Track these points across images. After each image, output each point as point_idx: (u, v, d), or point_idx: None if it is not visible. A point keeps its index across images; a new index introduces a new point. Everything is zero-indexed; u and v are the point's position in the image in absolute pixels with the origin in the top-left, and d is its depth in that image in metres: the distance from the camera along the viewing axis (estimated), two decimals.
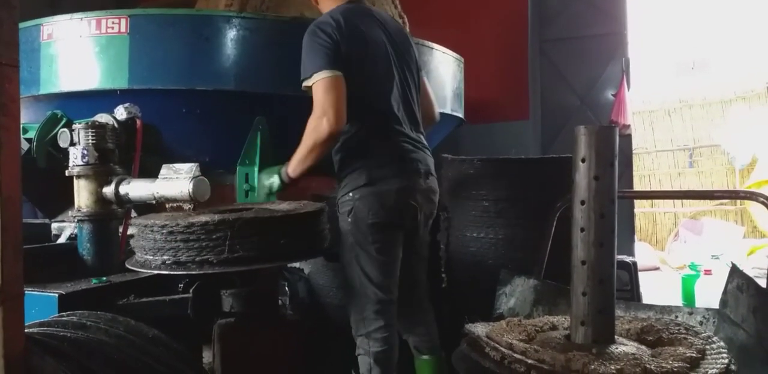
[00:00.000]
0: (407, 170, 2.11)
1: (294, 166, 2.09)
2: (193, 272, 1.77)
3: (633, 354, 1.35)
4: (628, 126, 4.83)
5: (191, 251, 1.74)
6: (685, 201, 8.29)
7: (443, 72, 3.34)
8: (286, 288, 2.84)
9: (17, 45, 1.08)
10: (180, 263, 1.76)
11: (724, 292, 1.73)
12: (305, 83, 2.04)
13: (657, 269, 6.73)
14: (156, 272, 1.80)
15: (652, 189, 8.67)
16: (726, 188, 8.12)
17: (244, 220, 1.78)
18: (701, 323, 1.79)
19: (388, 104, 2.13)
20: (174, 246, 1.76)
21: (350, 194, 2.06)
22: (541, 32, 5.22)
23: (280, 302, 2.63)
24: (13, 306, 1.02)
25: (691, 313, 1.83)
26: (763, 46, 9.02)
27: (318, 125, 1.98)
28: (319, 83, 1.99)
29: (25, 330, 1.08)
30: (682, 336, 1.48)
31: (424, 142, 2.25)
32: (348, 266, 2.09)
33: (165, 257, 1.76)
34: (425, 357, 2.26)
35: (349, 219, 2.06)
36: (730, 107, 8.27)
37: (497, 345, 1.41)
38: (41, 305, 1.73)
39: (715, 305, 1.80)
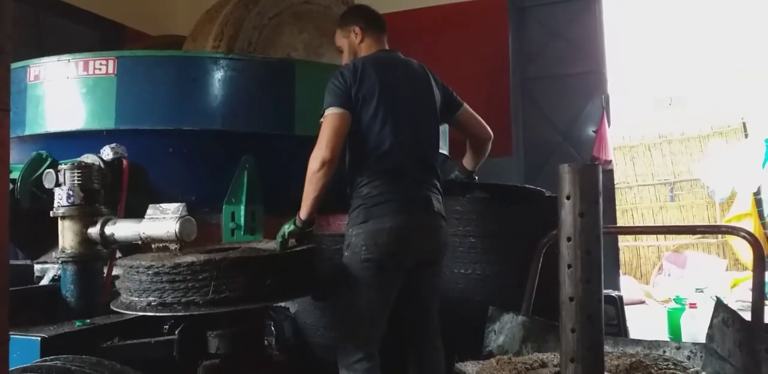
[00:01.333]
0: (407, 208, 2.15)
1: (303, 205, 2.10)
2: (179, 314, 1.75)
3: None
4: (610, 161, 4.91)
5: (177, 292, 1.73)
6: (668, 235, 8.36)
7: None
8: (272, 328, 2.80)
9: (8, 89, 1.09)
10: (166, 304, 1.74)
11: (710, 327, 1.74)
12: (321, 120, 2.16)
13: (642, 302, 6.73)
14: (141, 313, 1.77)
15: (635, 223, 8.75)
16: (707, 222, 8.22)
17: (231, 260, 1.78)
18: (689, 358, 1.79)
19: (395, 144, 2.19)
20: (160, 287, 1.75)
21: (350, 230, 2.14)
22: (523, 71, 5.34)
23: (266, 342, 2.59)
24: None
25: (678, 348, 1.84)
26: (738, 82, 9.28)
27: (314, 158, 2.06)
28: (324, 119, 2.12)
29: None
30: (671, 371, 1.48)
31: (434, 181, 2.28)
32: (337, 298, 2.17)
33: (151, 299, 1.75)
34: None
35: (347, 253, 2.13)
36: (708, 141, 8.44)
37: None
38: (23, 349, 1.69)
39: (702, 338, 1.81)
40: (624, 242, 8.12)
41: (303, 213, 2.10)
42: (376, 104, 2.19)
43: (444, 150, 3.66)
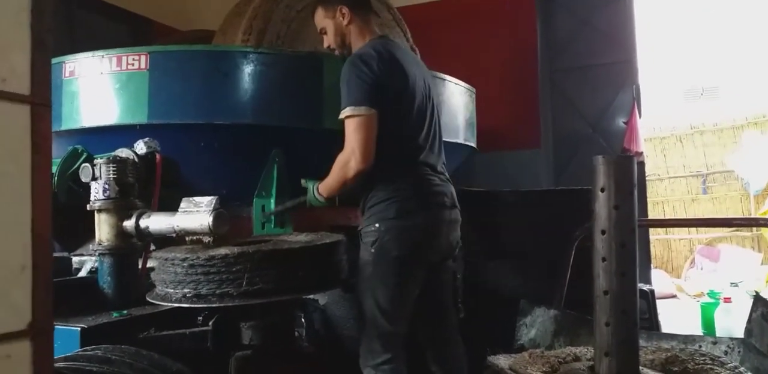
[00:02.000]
0: (433, 203, 2.14)
1: (323, 190, 2.18)
2: (214, 305, 1.77)
3: None
4: (641, 153, 4.83)
5: (211, 283, 1.76)
6: (700, 228, 8.21)
7: (456, 103, 3.37)
8: (303, 320, 2.83)
9: (49, 85, 1.11)
10: (201, 296, 1.77)
11: (749, 321, 1.71)
12: (341, 116, 2.08)
13: (674, 296, 6.63)
14: (177, 305, 1.80)
15: (666, 216, 8.61)
16: (741, 214, 8.05)
17: (264, 252, 1.79)
18: (726, 353, 1.76)
19: (419, 138, 2.18)
20: (195, 279, 1.78)
21: (376, 224, 2.07)
22: (551, 62, 5.28)
23: (296, 333, 2.62)
24: (44, 341, 1.02)
25: (715, 343, 1.81)
26: None
27: (346, 164, 2.04)
28: (351, 120, 2.03)
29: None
30: (709, 366, 1.46)
31: (447, 175, 2.28)
32: (362, 296, 2.09)
33: (186, 290, 1.78)
34: None
35: (372, 250, 2.06)
36: (742, 132, 8.25)
37: None
38: (63, 339, 1.73)
39: (736, 333, 1.78)
40: (655, 235, 8.00)
41: (324, 195, 2.18)
42: (406, 98, 2.14)
43: (472, 142, 3.65)
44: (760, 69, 9.41)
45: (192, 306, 1.79)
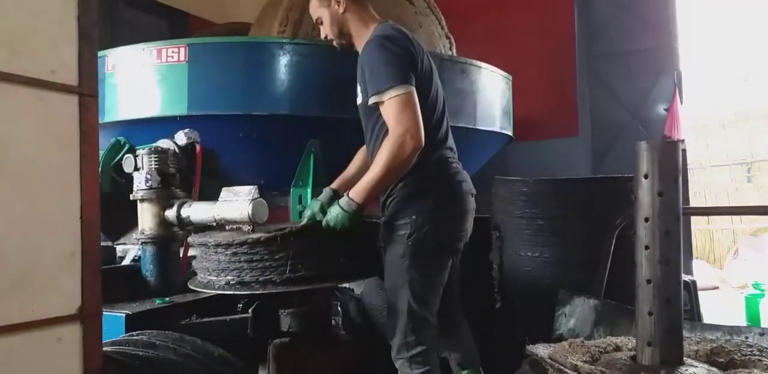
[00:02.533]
0: (463, 192, 2.10)
1: (366, 189, 1.92)
2: (257, 292, 1.80)
3: None
4: (682, 141, 4.72)
5: (255, 271, 1.78)
6: (744, 217, 7.99)
7: (491, 91, 3.34)
8: (339, 308, 2.86)
9: (96, 76, 1.14)
10: (244, 283, 1.80)
11: None
12: (378, 98, 1.93)
13: (716, 288, 6.49)
14: (220, 292, 1.84)
15: (708, 206, 8.41)
16: None
17: (305, 233, 1.80)
18: None
19: (441, 124, 2.13)
20: (238, 267, 1.80)
21: (413, 216, 2.00)
22: (589, 47, 5.18)
23: (333, 322, 2.64)
24: (92, 324, 1.06)
25: (762, 334, 1.77)
26: None
27: (403, 143, 1.86)
28: (395, 100, 1.89)
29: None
30: (756, 357, 1.42)
31: None
32: (397, 289, 2.03)
33: (229, 278, 1.81)
34: (465, 372, 2.23)
35: (409, 242, 2.00)
36: None
37: (562, 367, 1.38)
38: (109, 324, 1.77)
39: None
40: (696, 225, 7.82)
41: (362, 198, 1.91)
42: (430, 80, 2.06)
43: (508, 131, 3.61)
44: None
45: (235, 293, 1.81)
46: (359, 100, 2.12)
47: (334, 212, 1.91)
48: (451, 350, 2.25)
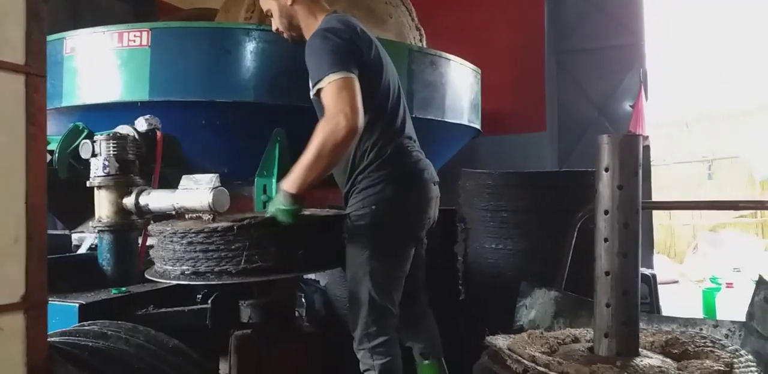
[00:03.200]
0: (424, 180, 2.08)
1: (300, 176, 1.84)
2: (212, 283, 1.77)
3: (659, 367, 1.32)
4: (647, 137, 4.79)
5: (210, 261, 1.75)
6: (704, 213, 8.19)
7: (460, 83, 3.34)
8: (303, 300, 2.84)
9: (44, 56, 1.10)
10: (199, 273, 1.76)
11: (751, 305, 1.70)
12: (319, 86, 1.89)
13: (676, 282, 6.64)
14: (175, 282, 1.80)
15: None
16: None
17: (262, 230, 1.78)
18: (727, 336, 1.75)
19: (398, 115, 2.10)
20: (193, 256, 1.77)
21: (373, 207, 1.98)
22: (558, 43, 5.22)
23: (296, 313, 2.62)
24: (37, 314, 1.02)
25: (716, 326, 1.80)
26: None
27: (337, 124, 1.80)
28: (333, 84, 1.85)
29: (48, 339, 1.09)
30: (709, 349, 1.45)
31: None
32: (358, 280, 2.01)
33: (184, 268, 1.77)
34: (428, 361, 2.24)
35: (369, 232, 1.99)
36: (750, 118, 8.19)
37: (520, 358, 1.38)
38: (62, 315, 1.73)
39: (738, 318, 1.77)
40: (658, 220, 7.97)
41: (296, 188, 1.83)
42: (379, 69, 2.03)
43: (476, 124, 3.62)
44: None
45: (190, 283, 1.78)
46: (311, 93, 2.05)
47: (272, 208, 1.85)
48: (415, 340, 2.25)
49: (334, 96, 1.84)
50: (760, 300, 1.66)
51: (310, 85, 1.95)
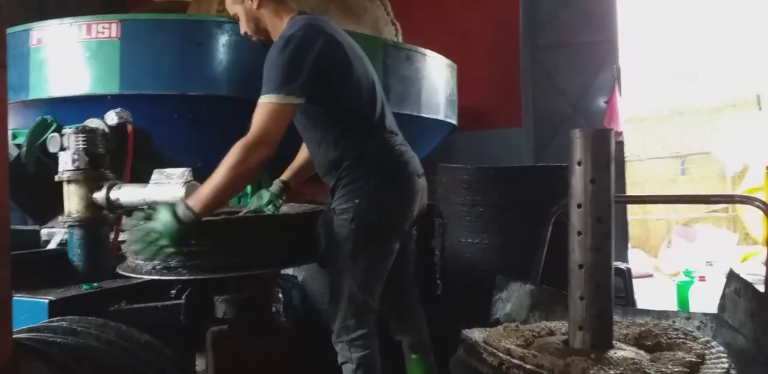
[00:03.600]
0: (407, 173, 2.08)
1: (210, 199, 1.78)
2: (183, 278, 1.75)
3: (632, 358, 1.33)
4: (621, 133, 4.84)
5: (181, 256, 1.73)
6: (678, 208, 8.31)
7: (436, 78, 3.34)
8: (280, 295, 2.82)
9: (4, 45, 1.06)
10: (170, 268, 1.74)
11: (722, 297, 1.72)
12: (260, 100, 1.89)
13: (650, 276, 6.74)
14: (146, 277, 1.77)
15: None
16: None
17: (234, 223, 1.76)
18: (699, 328, 1.77)
19: (376, 110, 2.09)
20: None
21: (356, 200, 1.98)
22: (533, 39, 5.25)
23: (274, 309, 2.60)
24: (0, 310, 0.99)
25: (688, 318, 1.82)
26: (752, 55, 9.10)
27: (254, 150, 1.81)
28: (268, 106, 1.86)
29: (14, 336, 1.05)
30: (681, 340, 1.46)
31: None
32: (339, 273, 2.02)
33: (155, 262, 1.74)
34: (416, 356, 2.25)
35: (352, 226, 1.97)
36: (721, 114, 8.33)
37: (495, 351, 1.39)
38: (31, 311, 1.70)
39: (711, 311, 1.79)
40: (633, 215, 8.08)
41: (200, 208, 1.75)
42: (352, 70, 2.03)
43: (452, 120, 3.62)
44: (740, 52, 9.47)
45: (161, 278, 1.75)
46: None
47: (163, 219, 1.73)
48: (404, 334, 2.26)
49: (265, 120, 1.85)
50: (730, 292, 1.68)
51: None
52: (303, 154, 2.33)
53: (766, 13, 8.96)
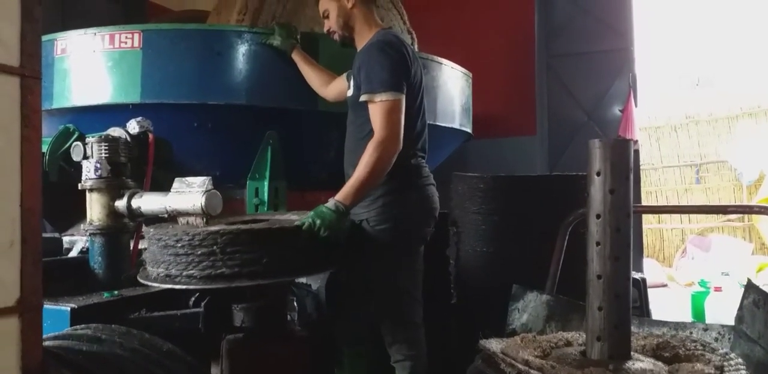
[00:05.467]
0: (433, 191, 2.28)
1: (354, 191, 2.03)
2: (178, 287, 1.79)
3: (650, 370, 1.33)
4: (636, 142, 4.82)
5: (180, 265, 1.77)
6: (692, 217, 8.24)
7: (452, 87, 3.35)
8: (295, 304, 2.83)
9: (39, 57, 1.09)
10: (170, 276, 1.78)
11: (740, 308, 1.72)
12: (369, 98, 2.08)
13: (665, 285, 6.68)
14: (152, 284, 1.81)
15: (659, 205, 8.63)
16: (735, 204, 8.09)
17: (230, 235, 1.77)
18: (716, 339, 1.77)
19: (424, 130, 2.28)
20: (166, 259, 1.79)
21: (394, 211, 2.15)
22: (548, 47, 5.25)
23: (288, 317, 2.61)
24: (32, 318, 1.01)
25: (706, 329, 1.82)
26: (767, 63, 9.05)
27: (386, 146, 2.03)
28: (385, 104, 2.05)
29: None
30: (699, 352, 1.46)
31: None
32: (385, 278, 2.18)
33: (160, 270, 1.79)
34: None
35: (392, 234, 2.15)
36: (737, 122, 8.26)
37: (513, 362, 1.39)
38: (53, 318, 1.72)
39: (726, 322, 1.78)
40: (647, 224, 8.02)
41: (350, 200, 2.02)
42: (419, 89, 2.22)
43: (467, 128, 3.63)
44: (756, 60, 9.41)
45: (161, 285, 1.80)
46: (350, 93, 2.26)
47: (319, 211, 1.97)
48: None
49: (384, 117, 2.05)
50: (749, 303, 1.67)
51: (361, 91, 2.12)
52: None
53: None
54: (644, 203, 7.71)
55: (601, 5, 5.12)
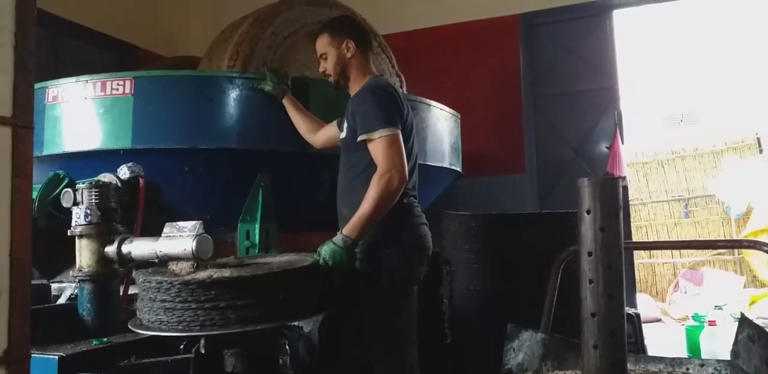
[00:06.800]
0: (425, 224, 2.29)
1: (361, 226, 2.05)
2: (161, 334, 1.77)
3: None
4: (624, 178, 4.87)
5: (167, 312, 1.76)
6: (684, 251, 8.25)
7: (441, 128, 3.40)
8: (287, 347, 2.78)
9: (32, 107, 1.11)
10: (162, 322, 1.76)
11: (735, 343, 1.71)
12: (367, 137, 2.12)
13: (659, 320, 6.63)
14: (139, 331, 1.79)
15: (649, 240, 8.64)
16: (723, 238, 8.11)
17: (219, 283, 1.75)
18: None
19: (413, 167, 2.30)
20: (149, 306, 1.77)
21: (388, 251, 2.15)
22: (535, 88, 5.35)
23: (280, 361, 2.57)
24: (19, 369, 1.00)
25: (702, 365, 1.80)
26: (751, 98, 9.24)
27: (390, 178, 2.05)
28: (384, 139, 2.10)
29: None
30: None
31: None
32: (380, 320, 2.16)
33: (148, 317, 1.77)
34: None
35: (388, 276, 2.14)
36: (722, 157, 8.38)
37: None
38: (41, 367, 1.69)
39: (722, 356, 1.78)
40: (639, 259, 8.02)
41: (356, 233, 2.05)
42: (413, 132, 2.29)
43: (457, 167, 3.67)
44: (738, 95, 9.62)
45: (146, 332, 1.79)
46: (342, 135, 2.31)
47: (329, 249, 2.02)
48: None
49: (385, 151, 2.10)
50: (743, 338, 1.67)
51: (358, 132, 2.17)
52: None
53: (765, 57, 9.15)
54: (634, 237, 7.72)
55: (585, 46, 5.25)
